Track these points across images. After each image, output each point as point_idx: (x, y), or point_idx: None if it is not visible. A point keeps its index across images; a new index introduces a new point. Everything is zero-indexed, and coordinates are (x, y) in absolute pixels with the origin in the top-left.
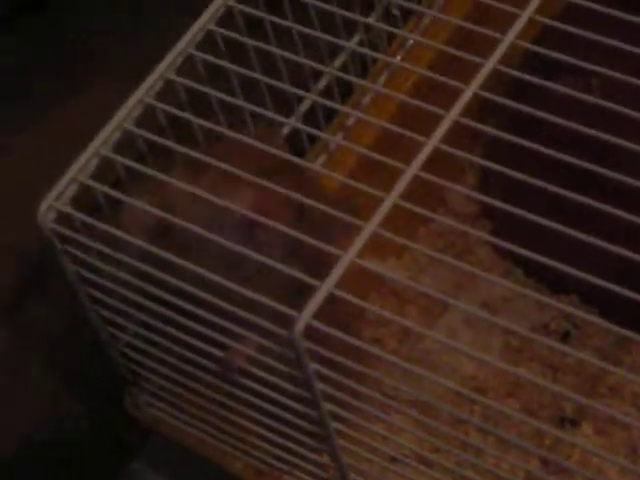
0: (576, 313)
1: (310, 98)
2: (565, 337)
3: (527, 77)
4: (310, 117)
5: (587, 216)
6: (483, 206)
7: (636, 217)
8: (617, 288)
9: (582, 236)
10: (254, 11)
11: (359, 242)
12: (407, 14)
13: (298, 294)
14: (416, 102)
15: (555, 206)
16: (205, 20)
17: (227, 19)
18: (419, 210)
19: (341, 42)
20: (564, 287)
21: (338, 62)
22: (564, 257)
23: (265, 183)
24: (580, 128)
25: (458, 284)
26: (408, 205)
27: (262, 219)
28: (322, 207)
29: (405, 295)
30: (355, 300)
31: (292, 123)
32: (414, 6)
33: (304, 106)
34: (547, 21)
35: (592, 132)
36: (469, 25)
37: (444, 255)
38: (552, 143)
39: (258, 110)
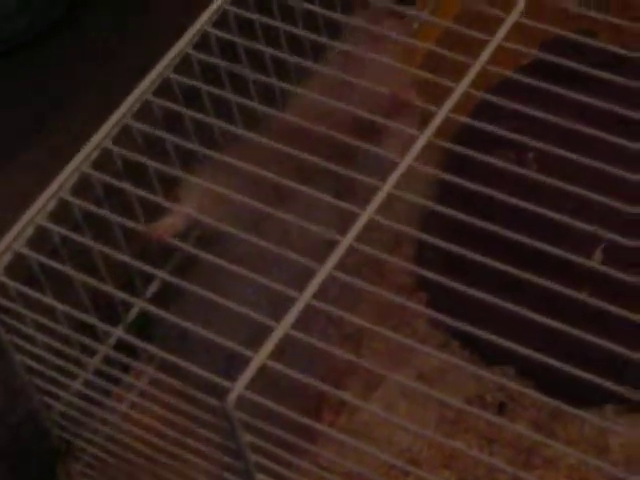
0: (510, 386)
1: None
2: (501, 409)
3: (462, 150)
4: None
5: (523, 289)
6: (420, 278)
7: (572, 291)
8: (551, 361)
9: (517, 309)
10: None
11: (292, 314)
12: None
13: None
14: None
15: (491, 279)
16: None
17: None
18: (356, 282)
19: None
20: (500, 359)
21: None
22: (500, 329)
23: None
24: (514, 201)
25: (395, 356)
26: (343, 276)
27: None
28: None
29: (342, 367)
30: (289, 372)
31: None
32: None
33: None
34: (482, 94)
35: (527, 205)
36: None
37: (381, 327)
38: (488, 215)
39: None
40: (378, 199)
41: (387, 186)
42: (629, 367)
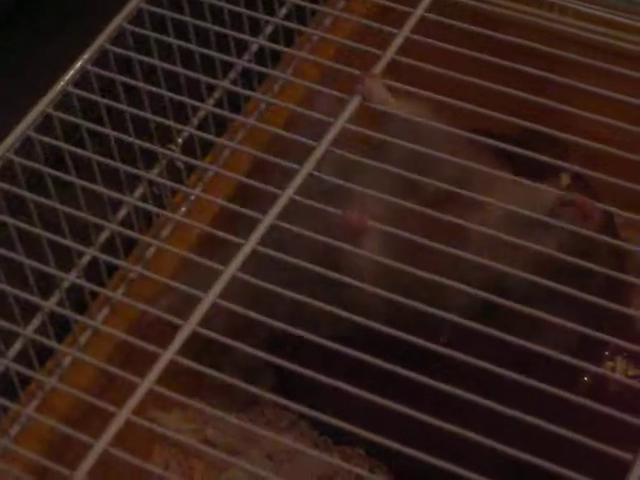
0: (353, 470)
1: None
2: None
3: None
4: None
5: (367, 371)
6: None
7: (418, 374)
8: (396, 445)
9: (362, 393)
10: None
11: (134, 399)
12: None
13: None
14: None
15: (339, 360)
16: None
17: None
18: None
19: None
20: (349, 440)
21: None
22: (347, 411)
23: None
24: None
25: (244, 436)
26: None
27: None
28: None
29: (190, 448)
30: (131, 459)
31: None
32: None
33: None
34: None
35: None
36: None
37: (229, 408)
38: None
39: None
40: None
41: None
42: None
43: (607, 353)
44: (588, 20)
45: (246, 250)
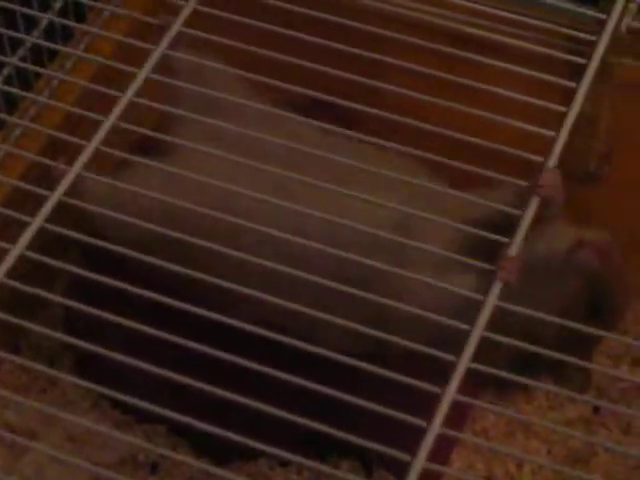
0: (154, 449)
1: None
2: (154, 469)
3: None
4: None
5: (166, 348)
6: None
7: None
8: (196, 422)
9: (160, 371)
10: None
11: None
12: None
13: None
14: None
15: (135, 340)
16: None
17: None
18: None
19: None
20: (150, 418)
21: None
22: (145, 389)
23: None
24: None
25: (44, 418)
26: None
27: None
28: None
29: None
30: None
31: None
32: None
33: None
34: None
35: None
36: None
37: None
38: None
39: None
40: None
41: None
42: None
43: None
44: None
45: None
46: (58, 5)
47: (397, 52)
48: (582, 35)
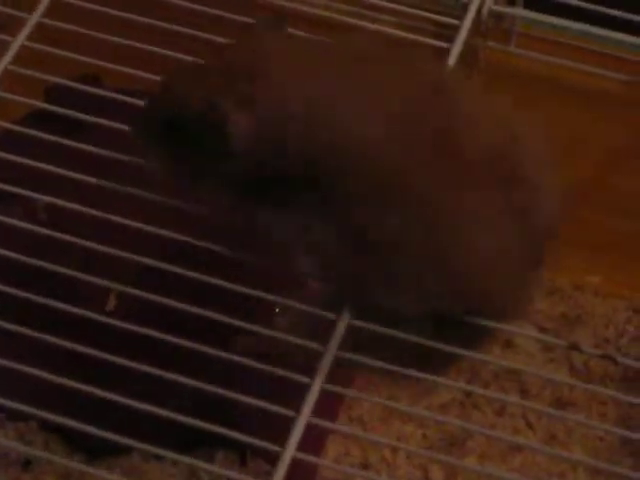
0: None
1: None
2: (26, 465)
3: None
4: None
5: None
6: None
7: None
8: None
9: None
10: None
11: None
12: None
13: None
14: None
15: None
16: None
17: None
18: None
19: None
20: (22, 415)
21: None
22: (18, 386)
23: None
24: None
25: None
26: None
27: None
28: None
29: None
30: None
31: None
32: None
33: None
34: None
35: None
36: None
37: None
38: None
39: None
40: None
41: None
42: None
43: (277, 310)
44: None
45: None
46: None
47: None
48: (446, 20)
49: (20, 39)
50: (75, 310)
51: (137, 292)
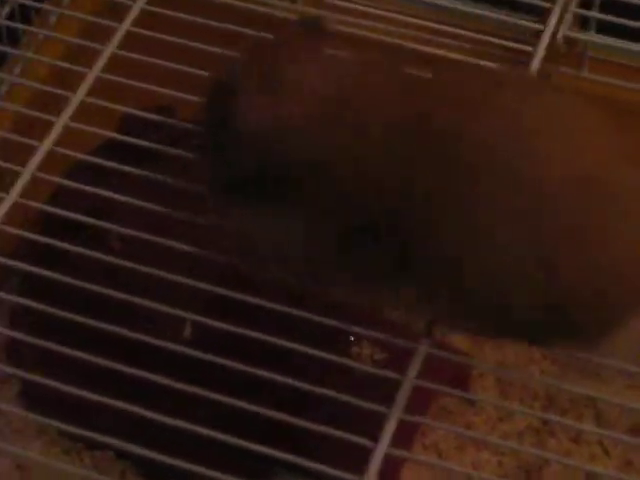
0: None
1: None
2: None
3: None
4: None
5: (110, 374)
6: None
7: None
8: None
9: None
10: None
11: None
12: None
13: None
14: None
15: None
16: None
17: None
18: None
19: None
20: (100, 444)
21: None
22: (92, 416)
23: None
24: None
25: None
26: None
27: None
28: None
29: None
30: None
31: None
32: None
33: None
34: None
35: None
36: None
37: None
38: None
39: None
40: None
41: None
42: None
43: (352, 339)
44: None
45: None
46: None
47: None
48: (519, 46)
49: (95, 71)
50: (155, 341)
51: (216, 323)
